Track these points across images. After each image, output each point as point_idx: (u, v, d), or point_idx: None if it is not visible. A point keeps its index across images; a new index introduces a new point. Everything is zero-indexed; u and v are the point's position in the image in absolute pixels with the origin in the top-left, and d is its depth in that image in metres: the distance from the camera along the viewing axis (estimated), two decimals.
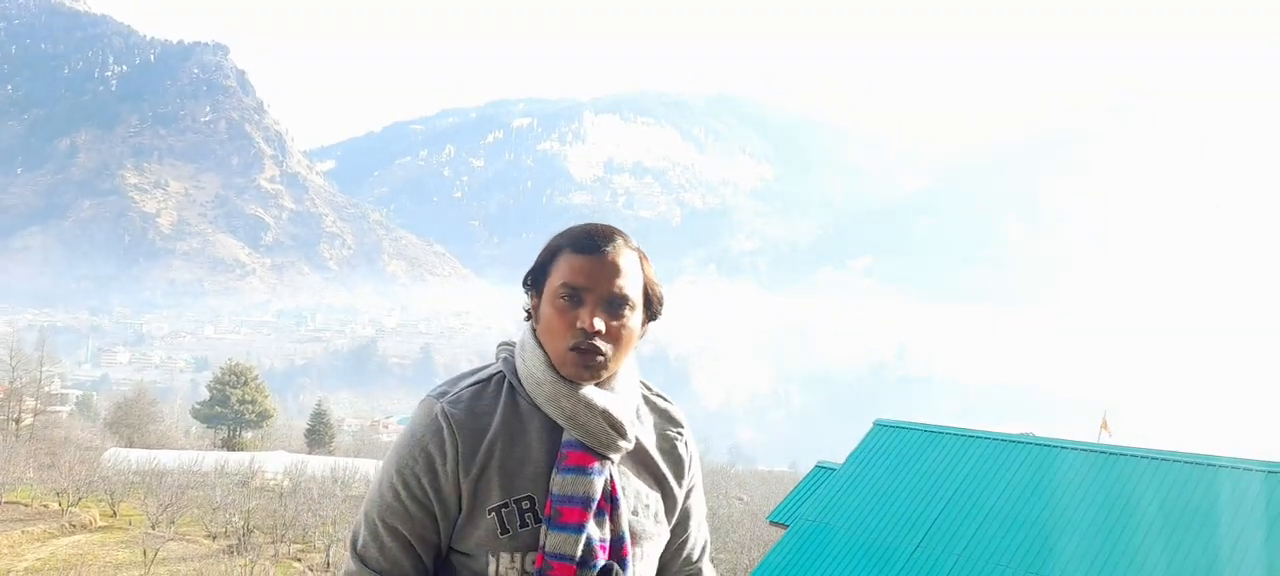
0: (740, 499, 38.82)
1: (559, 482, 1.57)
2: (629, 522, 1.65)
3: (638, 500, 1.70)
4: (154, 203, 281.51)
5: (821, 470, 17.72)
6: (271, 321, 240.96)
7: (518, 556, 1.58)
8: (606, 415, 1.62)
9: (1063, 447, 14.01)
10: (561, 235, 1.69)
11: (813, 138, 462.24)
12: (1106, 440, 17.39)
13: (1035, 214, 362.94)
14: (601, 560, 1.59)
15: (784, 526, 16.22)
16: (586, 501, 1.59)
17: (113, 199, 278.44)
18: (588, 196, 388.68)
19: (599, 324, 1.60)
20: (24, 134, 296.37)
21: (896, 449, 15.53)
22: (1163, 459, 12.69)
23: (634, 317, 1.67)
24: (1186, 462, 12.39)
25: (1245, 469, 11.80)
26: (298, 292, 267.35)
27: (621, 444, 1.65)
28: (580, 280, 1.60)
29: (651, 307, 1.73)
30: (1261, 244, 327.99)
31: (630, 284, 1.64)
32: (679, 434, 1.82)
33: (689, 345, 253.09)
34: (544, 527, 1.58)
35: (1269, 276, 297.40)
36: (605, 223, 1.68)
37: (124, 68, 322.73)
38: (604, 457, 1.63)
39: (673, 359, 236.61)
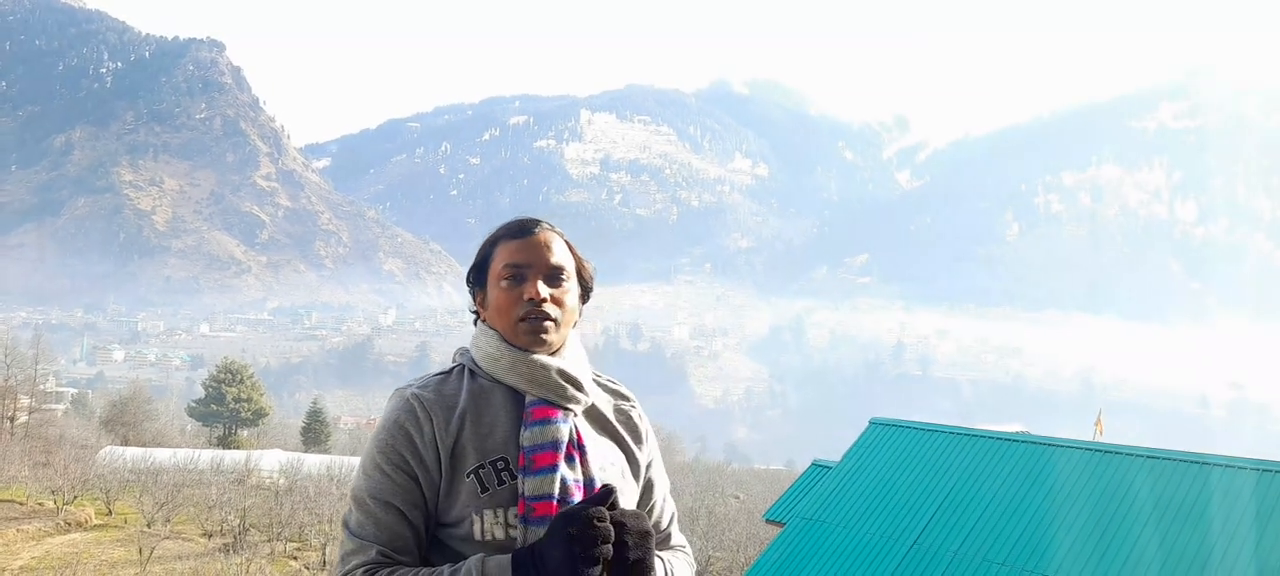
0: (736, 497, 38.85)
1: (528, 435, 1.70)
2: (598, 472, 1.76)
3: (603, 457, 1.81)
4: (149, 200, 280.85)
5: (817, 468, 17.75)
6: (267, 319, 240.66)
7: (500, 512, 1.68)
8: (561, 371, 1.76)
9: (1057, 445, 14.06)
10: (494, 231, 1.88)
11: (809, 135, 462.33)
12: (1101, 438, 17.45)
13: (1031, 212, 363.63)
14: (577, 497, 1.69)
15: (780, 524, 16.25)
16: (556, 444, 1.71)
17: (107, 196, 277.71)
18: (584, 194, 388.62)
19: (544, 291, 1.76)
20: (18, 131, 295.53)
21: (893, 447, 15.56)
22: (1156, 457, 12.75)
23: (573, 288, 1.83)
24: (1180, 460, 12.45)
25: (1238, 467, 11.87)
26: (293, 290, 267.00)
27: (578, 395, 1.79)
28: (520, 258, 1.78)
29: (585, 283, 1.88)
30: (1259, 240, 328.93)
31: (563, 257, 1.82)
32: (632, 406, 1.95)
33: (685, 343, 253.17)
34: (521, 477, 1.69)
35: (1267, 271, 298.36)
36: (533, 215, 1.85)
37: (119, 64, 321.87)
38: (565, 409, 1.76)
39: (669, 357, 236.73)
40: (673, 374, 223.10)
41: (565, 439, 1.72)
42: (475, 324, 1.88)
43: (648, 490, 1.93)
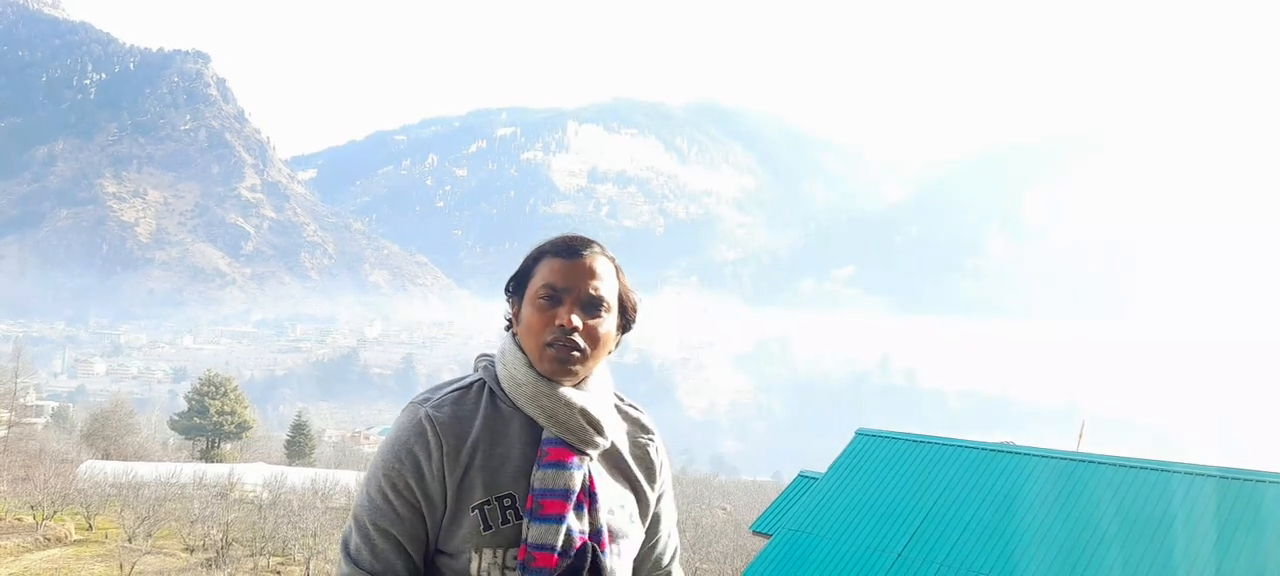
0: (723, 509, 38.84)
1: (539, 477, 1.63)
2: (606, 519, 1.71)
3: (613, 500, 1.76)
4: (133, 212, 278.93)
5: (804, 479, 17.77)
6: (251, 331, 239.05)
7: (500, 552, 1.63)
8: (584, 412, 1.68)
9: (1034, 455, 14.16)
10: (543, 243, 1.77)
11: (796, 148, 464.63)
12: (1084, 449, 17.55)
13: (1017, 224, 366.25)
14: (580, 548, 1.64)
15: (767, 536, 16.25)
16: (566, 493, 1.64)
17: (91, 208, 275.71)
18: (571, 206, 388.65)
19: (577, 320, 1.67)
20: (0, 142, 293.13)
21: (879, 458, 15.59)
22: (1120, 465, 12.90)
23: (609, 320, 1.74)
24: (1142, 469, 12.61)
25: (1199, 474, 12.02)
26: (278, 302, 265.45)
27: (598, 440, 1.71)
28: (559, 281, 1.69)
29: (626, 315, 1.80)
30: (1246, 252, 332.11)
31: (606, 287, 1.73)
32: (650, 440, 1.89)
33: (672, 355, 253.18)
34: (526, 521, 1.63)
35: (1254, 284, 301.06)
36: (585, 234, 1.77)
37: (103, 75, 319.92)
38: (582, 453, 1.70)
39: (656, 369, 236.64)
40: (660, 386, 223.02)
41: (577, 487, 1.67)
42: (506, 330, 1.80)
43: (654, 525, 1.92)
